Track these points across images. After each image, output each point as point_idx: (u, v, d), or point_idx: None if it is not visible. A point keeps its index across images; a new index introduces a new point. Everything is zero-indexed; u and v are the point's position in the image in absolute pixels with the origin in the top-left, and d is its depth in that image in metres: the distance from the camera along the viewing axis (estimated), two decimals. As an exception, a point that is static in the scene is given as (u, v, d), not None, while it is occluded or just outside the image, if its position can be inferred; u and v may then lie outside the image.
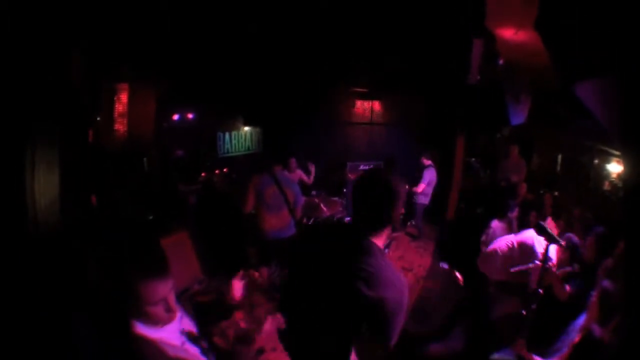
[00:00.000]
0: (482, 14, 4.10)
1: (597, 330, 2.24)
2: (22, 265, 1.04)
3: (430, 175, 6.53)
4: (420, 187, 6.47)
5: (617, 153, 7.76)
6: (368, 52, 5.60)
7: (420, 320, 4.39)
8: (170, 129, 5.64)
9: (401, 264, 5.84)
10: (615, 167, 9.66)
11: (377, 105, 8.07)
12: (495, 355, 3.11)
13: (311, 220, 5.59)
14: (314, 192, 6.29)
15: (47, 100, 1.09)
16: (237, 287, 1.98)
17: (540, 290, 2.80)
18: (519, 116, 5.73)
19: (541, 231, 3.16)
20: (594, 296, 2.51)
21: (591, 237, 3.47)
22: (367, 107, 8.07)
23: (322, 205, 5.75)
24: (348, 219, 5.63)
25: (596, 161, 9.06)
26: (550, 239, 3.12)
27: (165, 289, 1.29)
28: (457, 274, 4.56)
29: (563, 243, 3.20)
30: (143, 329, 1.25)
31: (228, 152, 6.49)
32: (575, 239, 3.80)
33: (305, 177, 5.79)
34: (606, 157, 8.86)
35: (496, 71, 5.12)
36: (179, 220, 4.36)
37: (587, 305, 2.54)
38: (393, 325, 1.51)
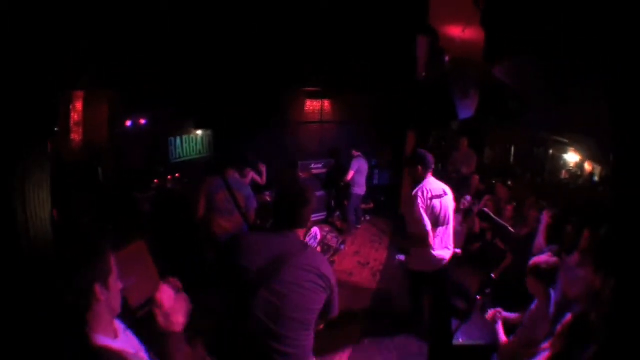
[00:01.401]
0: (425, 13, 4.24)
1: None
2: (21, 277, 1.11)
3: (357, 165, 6.65)
4: (349, 175, 6.58)
5: (566, 142, 8.39)
6: (317, 52, 5.62)
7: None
8: (123, 136, 5.43)
9: (357, 259, 5.93)
10: (572, 157, 10.41)
11: (327, 103, 8.12)
12: (459, 339, 3.24)
13: (269, 223, 5.54)
14: (267, 193, 6.24)
15: (38, 126, 1.18)
16: (167, 292, 1.83)
17: (493, 275, 2.94)
18: (467, 110, 5.99)
19: (484, 218, 3.32)
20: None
21: (546, 216, 3.90)
22: (317, 106, 8.10)
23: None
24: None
25: (551, 152, 9.68)
26: (493, 225, 3.31)
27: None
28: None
29: (507, 227, 3.38)
30: (105, 341, 1.23)
31: (180, 157, 6.29)
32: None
33: (257, 178, 5.72)
34: (562, 148, 9.50)
35: (443, 67, 5.30)
36: (135, 229, 4.18)
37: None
38: (337, 298, 1.95)
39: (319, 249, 5.74)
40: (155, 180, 5.66)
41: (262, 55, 5.33)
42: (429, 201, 3.44)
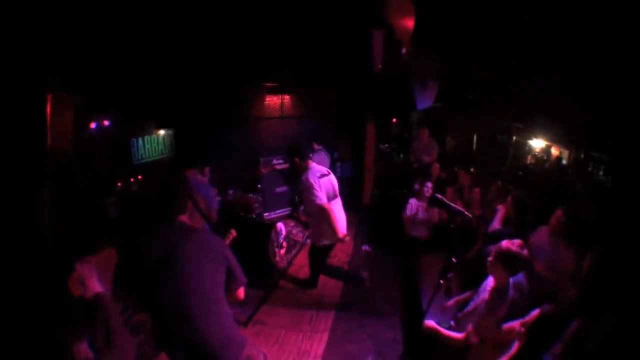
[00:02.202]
0: (381, 6, 4.28)
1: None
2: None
3: (317, 158, 6.64)
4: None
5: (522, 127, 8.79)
6: (275, 48, 5.56)
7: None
8: (87, 140, 5.21)
9: None
10: (537, 143, 10.89)
11: (287, 98, 8.07)
12: (430, 321, 3.31)
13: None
14: (230, 191, 6.11)
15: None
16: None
17: (454, 259, 3.01)
18: (425, 101, 6.15)
19: (436, 202, 3.46)
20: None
21: (510, 198, 4.12)
22: (277, 102, 8.04)
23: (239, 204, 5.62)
24: (266, 214, 5.53)
25: (514, 138, 10.06)
26: (445, 208, 3.44)
27: None
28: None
29: (462, 211, 3.50)
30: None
31: (142, 158, 6.03)
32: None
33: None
34: (526, 134, 9.92)
35: (400, 60, 5.38)
36: (104, 236, 3.98)
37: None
38: (238, 265, 2.13)
39: (284, 244, 5.70)
40: (119, 184, 5.46)
41: (221, 50, 5.21)
42: (318, 180, 4.04)
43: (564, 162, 10.24)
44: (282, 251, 5.64)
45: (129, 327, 2.27)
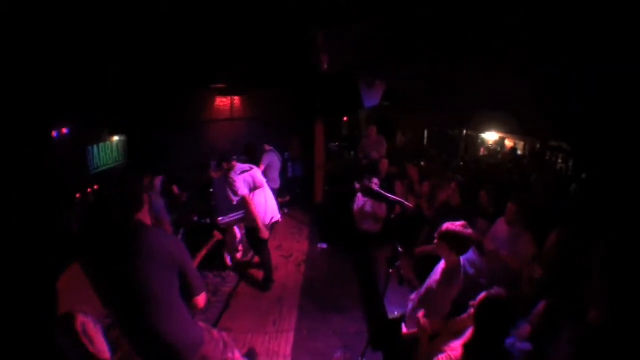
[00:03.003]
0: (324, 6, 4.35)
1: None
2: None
3: (268, 159, 6.69)
4: (260, 168, 6.46)
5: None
6: (222, 49, 5.46)
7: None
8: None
9: (280, 253, 5.93)
10: (490, 136, 11.39)
11: (237, 100, 7.93)
12: (395, 312, 3.45)
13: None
14: (185, 194, 5.94)
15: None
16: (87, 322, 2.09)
17: (400, 248, 3.13)
18: (372, 99, 6.31)
19: (371, 194, 3.59)
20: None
21: (454, 183, 4.44)
22: (227, 103, 7.89)
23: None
24: (220, 218, 5.43)
25: (465, 132, 10.48)
26: (382, 199, 3.58)
27: None
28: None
29: (395, 199, 3.67)
30: None
31: (98, 167, 5.65)
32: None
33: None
34: (478, 127, 10.36)
35: (347, 59, 5.49)
36: (69, 251, 3.69)
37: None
38: (194, 273, 2.13)
39: (240, 247, 5.63)
40: (78, 195, 5.15)
41: (169, 53, 5.05)
42: (238, 176, 4.65)
43: (519, 152, 10.92)
44: (239, 255, 5.57)
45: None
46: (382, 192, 3.77)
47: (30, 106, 3.88)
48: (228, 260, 5.24)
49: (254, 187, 4.85)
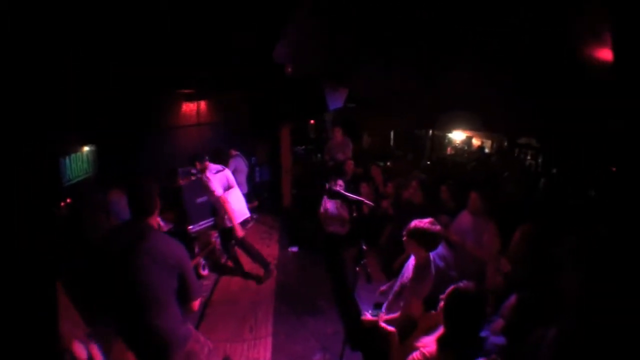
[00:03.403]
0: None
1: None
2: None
3: (234, 164, 6.69)
4: None
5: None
6: (187, 53, 5.39)
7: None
8: None
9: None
10: (457, 136, 11.66)
11: (203, 105, 7.79)
12: (369, 313, 3.55)
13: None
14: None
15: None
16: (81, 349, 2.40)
17: (365, 247, 3.24)
18: (336, 101, 6.41)
19: (331, 194, 3.66)
20: None
21: (415, 181, 4.64)
22: (193, 108, 7.70)
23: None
24: (191, 227, 5.37)
25: (431, 132, 10.73)
26: (342, 199, 3.68)
27: None
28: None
29: (355, 198, 3.79)
30: None
31: (71, 179, 5.37)
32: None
33: None
34: (445, 127, 10.57)
35: (310, 63, 5.53)
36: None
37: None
38: (193, 279, 2.31)
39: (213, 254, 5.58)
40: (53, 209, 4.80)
41: (134, 58, 4.93)
42: (214, 175, 4.84)
43: (487, 150, 11.31)
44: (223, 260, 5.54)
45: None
46: (341, 191, 3.88)
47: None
48: (202, 269, 5.17)
49: (227, 187, 5.01)
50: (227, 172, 5.15)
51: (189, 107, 7.56)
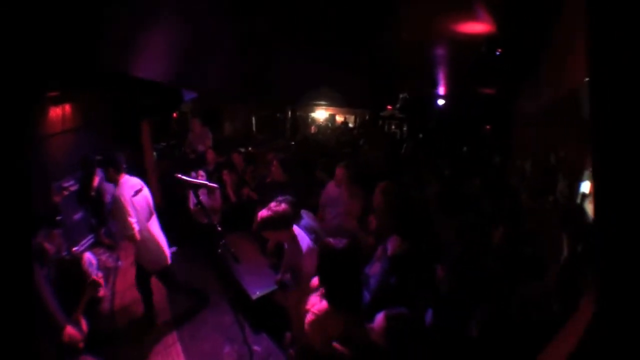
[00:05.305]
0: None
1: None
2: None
3: (102, 174, 6.34)
4: (95, 182, 6.22)
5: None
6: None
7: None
8: None
9: (133, 269, 5.48)
10: (320, 114, 12.32)
11: (67, 109, 6.76)
12: (257, 292, 3.96)
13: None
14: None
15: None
16: None
17: (219, 228, 3.59)
18: (190, 92, 6.48)
19: (179, 183, 3.63)
20: None
21: (275, 161, 5.04)
22: (59, 113, 6.60)
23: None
24: (75, 248, 5.28)
25: (292, 113, 11.32)
26: (187, 185, 3.78)
27: None
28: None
29: (199, 182, 4.11)
30: None
31: None
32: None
33: None
34: (308, 108, 11.40)
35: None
36: None
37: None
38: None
39: (100, 274, 5.38)
40: None
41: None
42: (132, 200, 3.66)
43: (351, 125, 12.19)
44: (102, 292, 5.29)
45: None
46: (185, 178, 3.66)
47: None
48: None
49: (149, 214, 3.91)
50: (147, 192, 4.00)
51: (55, 112, 6.50)
